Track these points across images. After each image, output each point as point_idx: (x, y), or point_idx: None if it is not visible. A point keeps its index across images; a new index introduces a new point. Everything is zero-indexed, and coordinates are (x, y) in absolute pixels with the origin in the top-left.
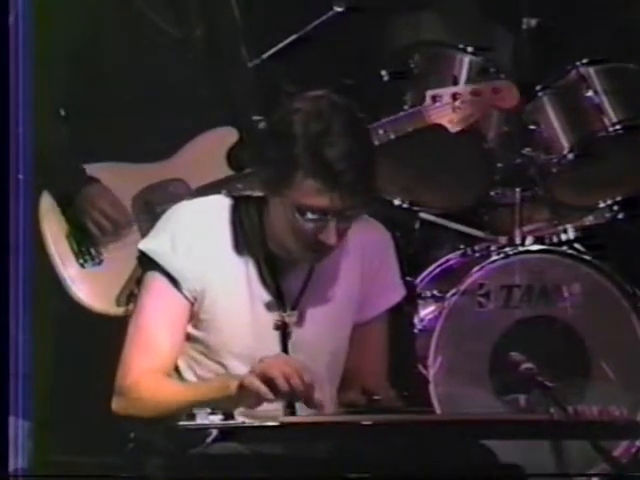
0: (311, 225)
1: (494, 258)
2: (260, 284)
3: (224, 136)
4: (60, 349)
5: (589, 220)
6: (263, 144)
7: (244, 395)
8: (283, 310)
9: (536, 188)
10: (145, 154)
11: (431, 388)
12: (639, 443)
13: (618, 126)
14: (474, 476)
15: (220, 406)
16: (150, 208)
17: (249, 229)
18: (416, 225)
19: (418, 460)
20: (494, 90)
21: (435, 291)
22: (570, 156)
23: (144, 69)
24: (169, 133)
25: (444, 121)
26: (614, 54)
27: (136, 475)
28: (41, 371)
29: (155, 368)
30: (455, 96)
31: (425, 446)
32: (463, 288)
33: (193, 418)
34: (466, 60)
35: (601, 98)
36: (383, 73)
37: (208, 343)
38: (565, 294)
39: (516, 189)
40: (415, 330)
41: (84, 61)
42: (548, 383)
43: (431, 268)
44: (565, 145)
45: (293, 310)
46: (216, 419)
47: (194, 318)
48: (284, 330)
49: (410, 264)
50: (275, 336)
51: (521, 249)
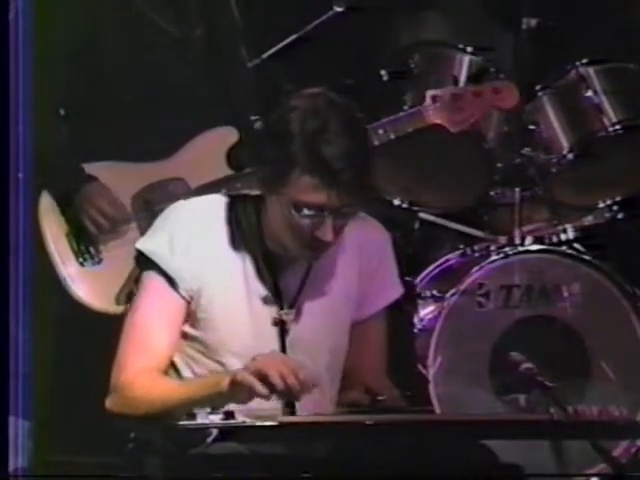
0: (307, 222)
1: (494, 258)
2: (258, 282)
3: (224, 136)
4: (60, 349)
5: (589, 220)
6: (260, 142)
7: (236, 391)
8: (281, 308)
9: (536, 188)
10: (145, 153)
11: (431, 388)
12: (639, 443)
13: (618, 126)
14: (474, 476)
15: (212, 403)
16: (150, 207)
17: (247, 228)
18: (416, 225)
19: (418, 460)
20: (494, 90)
21: (435, 291)
22: (570, 156)
23: (144, 68)
24: (169, 132)
25: (444, 121)
26: (614, 54)
27: (136, 475)
28: (41, 371)
29: (149, 367)
30: (455, 96)
31: (425, 446)
32: (463, 288)
33: (193, 418)
34: (466, 60)
35: (601, 98)
36: (383, 73)
37: (206, 342)
38: (565, 294)
39: (516, 189)
40: (415, 330)
41: (84, 60)
42: (548, 383)
43: (431, 268)
44: (565, 145)
45: (291, 308)
46: (216, 419)
47: (191, 317)
48: (282, 327)
49: (410, 264)
50: (273, 334)
51: (521, 249)
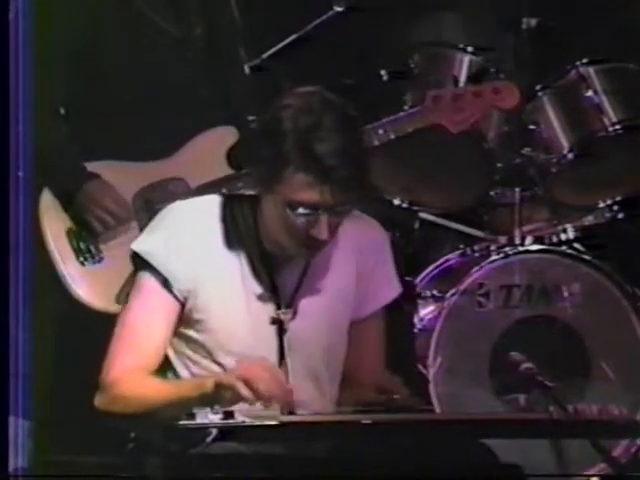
0: (302, 220)
1: (494, 258)
2: (255, 281)
3: (224, 135)
4: (60, 348)
5: (589, 220)
6: (255, 141)
7: (220, 394)
8: (278, 307)
9: (536, 188)
10: (145, 153)
11: (431, 388)
12: (639, 442)
13: (618, 126)
14: (474, 476)
15: (195, 404)
16: (150, 206)
17: (243, 227)
18: (416, 225)
19: (418, 460)
20: (494, 90)
21: (435, 291)
22: (570, 156)
23: (144, 68)
24: (169, 132)
25: (444, 121)
26: (614, 54)
27: (136, 475)
28: (41, 371)
29: (138, 366)
30: (455, 96)
31: (425, 446)
32: (463, 288)
33: (193, 417)
34: (466, 60)
35: (601, 98)
36: (383, 73)
37: (204, 342)
38: (565, 294)
39: (516, 189)
40: (415, 330)
41: (84, 60)
42: (548, 383)
43: (431, 268)
44: (565, 145)
45: (288, 307)
46: (216, 418)
47: (188, 318)
48: (280, 327)
49: (410, 264)
50: (271, 333)
51: (521, 249)
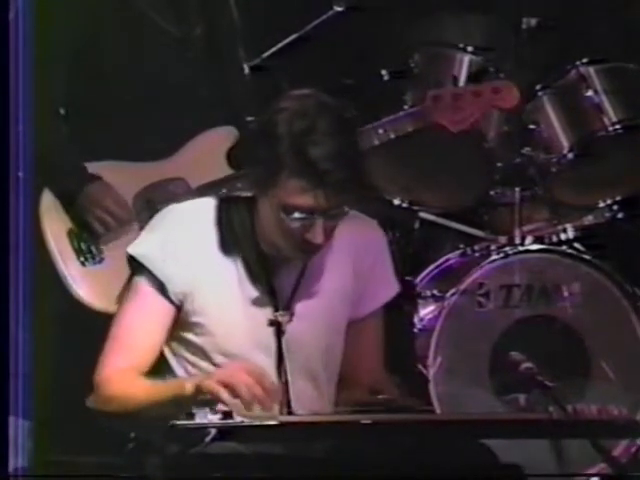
0: (297, 224)
1: (494, 258)
2: (252, 284)
3: (224, 135)
4: (60, 348)
5: (589, 220)
6: (252, 144)
7: (199, 396)
8: (276, 309)
9: (536, 188)
10: (145, 153)
11: (431, 387)
12: (639, 442)
13: (618, 126)
14: (474, 476)
15: (176, 405)
16: (151, 206)
17: (240, 229)
18: (416, 225)
19: (418, 460)
20: (494, 90)
21: (435, 291)
22: (570, 156)
23: (144, 68)
24: (169, 132)
25: (444, 121)
26: (614, 54)
27: (136, 475)
28: (41, 371)
29: (128, 367)
30: (455, 96)
31: (425, 446)
32: (463, 288)
33: (192, 417)
34: (466, 60)
35: (601, 98)
36: (383, 73)
37: (202, 345)
38: (565, 294)
39: (516, 189)
40: (415, 330)
41: (84, 60)
42: (548, 383)
43: (431, 267)
44: (565, 145)
45: (286, 309)
46: (215, 418)
47: (185, 322)
48: (278, 328)
49: (410, 264)
50: (269, 335)
51: (521, 249)
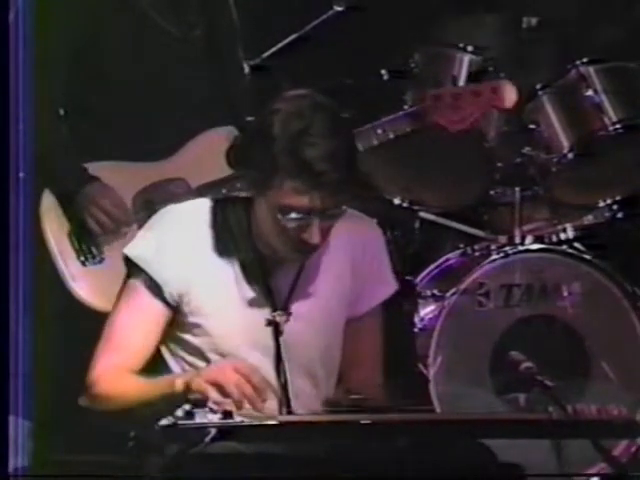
0: (294, 225)
1: (494, 257)
2: (249, 284)
3: (224, 135)
4: (60, 348)
5: (589, 219)
6: (248, 145)
7: (188, 394)
8: (274, 309)
9: (536, 187)
10: (145, 153)
11: (431, 387)
12: (639, 442)
13: (618, 125)
14: (474, 476)
15: (165, 402)
16: (151, 207)
17: (236, 230)
18: (416, 224)
19: (418, 459)
20: (493, 90)
21: (435, 290)
22: (570, 155)
23: (144, 68)
24: (169, 132)
25: (444, 121)
26: (614, 54)
27: (136, 475)
28: (41, 371)
29: (120, 365)
30: (454, 96)
31: (425, 445)
32: (463, 287)
33: (192, 417)
34: (466, 60)
35: (601, 97)
36: (383, 72)
37: (200, 346)
38: (565, 293)
39: (516, 188)
40: (415, 329)
41: (84, 60)
42: (548, 382)
43: (431, 267)
44: (565, 144)
45: (284, 309)
46: (215, 418)
47: (183, 322)
48: (276, 328)
49: (410, 263)
50: (267, 335)
51: (521, 248)
